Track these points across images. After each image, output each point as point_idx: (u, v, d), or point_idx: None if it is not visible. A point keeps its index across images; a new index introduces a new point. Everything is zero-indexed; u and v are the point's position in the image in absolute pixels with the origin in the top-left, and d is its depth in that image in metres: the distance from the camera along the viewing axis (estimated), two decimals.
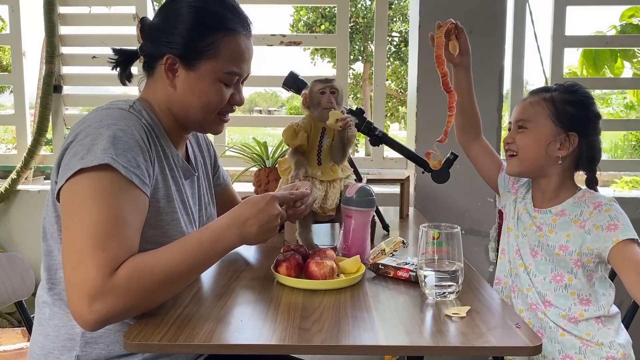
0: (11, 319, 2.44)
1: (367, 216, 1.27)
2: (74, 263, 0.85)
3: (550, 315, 1.27)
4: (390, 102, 14.19)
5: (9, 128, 6.52)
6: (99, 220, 0.86)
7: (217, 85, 1.07)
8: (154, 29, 1.08)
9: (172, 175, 1.07)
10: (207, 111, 1.09)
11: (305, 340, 0.83)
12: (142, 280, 0.86)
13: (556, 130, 1.27)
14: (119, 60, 1.14)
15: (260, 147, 1.96)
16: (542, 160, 1.29)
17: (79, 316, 0.83)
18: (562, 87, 1.32)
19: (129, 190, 0.91)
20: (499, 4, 2.19)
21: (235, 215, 0.97)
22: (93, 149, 0.90)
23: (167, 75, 1.05)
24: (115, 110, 0.99)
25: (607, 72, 3.02)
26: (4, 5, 2.54)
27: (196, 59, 1.04)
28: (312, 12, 13.69)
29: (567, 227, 1.27)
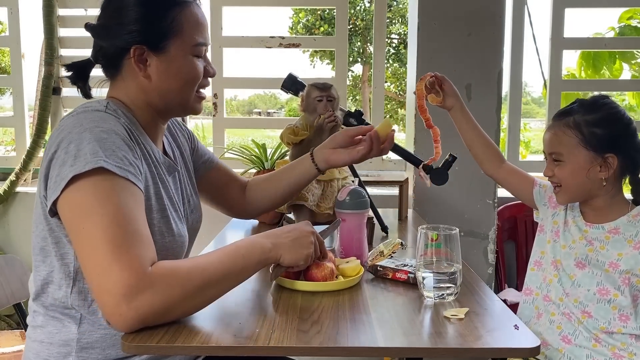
0: (9, 321, 2.44)
1: (362, 218, 1.27)
2: (100, 270, 0.83)
3: (587, 324, 1.25)
4: (389, 104, 14.20)
5: (8, 130, 6.52)
6: (111, 223, 0.84)
7: (191, 60, 1.05)
8: (108, 26, 1.03)
9: (157, 172, 1.05)
10: (187, 89, 1.07)
11: (304, 342, 0.83)
12: (179, 279, 0.85)
13: (592, 156, 1.24)
14: (76, 75, 1.10)
15: (259, 149, 1.97)
16: (587, 186, 1.27)
17: (119, 316, 0.81)
18: (584, 107, 1.28)
19: (129, 188, 0.90)
20: (498, 6, 2.19)
21: (270, 231, 1.02)
22: (80, 154, 0.88)
23: (139, 67, 1.02)
24: (93, 112, 0.97)
25: (606, 73, 3.03)
26: (3, 8, 2.54)
27: (163, 40, 1.02)
28: (311, 14, 13.71)
29: (620, 246, 1.25)
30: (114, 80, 1.07)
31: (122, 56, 1.03)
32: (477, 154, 1.50)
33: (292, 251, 0.99)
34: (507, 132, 2.58)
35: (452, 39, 2.20)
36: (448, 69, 2.21)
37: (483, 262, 2.27)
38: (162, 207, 1.03)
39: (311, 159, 1.27)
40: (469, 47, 2.20)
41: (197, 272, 0.87)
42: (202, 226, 1.26)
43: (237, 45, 2.55)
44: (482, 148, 1.48)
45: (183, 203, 1.16)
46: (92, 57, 1.08)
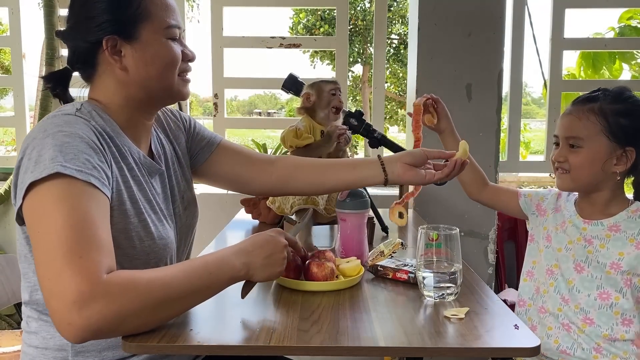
0: (10, 320, 2.44)
1: (362, 218, 1.27)
2: (51, 274, 0.79)
3: (588, 332, 1.22)
4: (389, 105, 14.20)
5: (8, 130, 6.52)
6: (65, 225, 0.80)
7: (166, 43, 1.03)
8: (77, 24, 1.01)
9: (132, 175, 1.01)
10: (168, 74, 1.04)
11: (304, 342, 0.83)
12: (137, 291, 0.80)
13: (612, 147, 1.21)
14: (55, 86, 1.07)
15: (260, 149, 1.97)
16: (598, 178, 1.23)
17: (68, 325, 0.76)
18: (610, 96, 1.24)
19: (90, 192, 0.86)
20: (498, 6, 2.19)
21: (242, 245, 0.96)
22: (40, 160, 0.86)
23: (114, 60, 1.00)
24: (60, 116, 0.95)
25: (606, 73, 3.03)
26: (4, 8, 2.54)
27: (133, 27, 1.00)
28: (312, 14, 13.71)
29: (621, 245, 1.22)
30: (92, 81, 1.05)
31: (96, 52, 1.01)
32: (464, 179, 1.48)
33: (264, 269, 0.95)
34: (507, 133, 2.58)
35: (452, 40, 2.21)
36: (448, 70, 2.22)
37: (483, 262, 2.27)
38: (138, 211, 1.00)
39: (382, 167, 1.18)
40: (469, 48, 2.20)
41: (159, 285, 0.83)
42: (202, 226, 1.25)
43: (238, 45, 2.55)
44: (470, 173, 1.45)
45: (173, 201, 1.13)
46: (68, 63, 1.06)
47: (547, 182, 8.41)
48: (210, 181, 1.29)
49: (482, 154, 2.23)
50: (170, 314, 0.85)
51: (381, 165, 1.17)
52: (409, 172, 1.15)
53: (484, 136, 2.23)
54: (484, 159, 2.24)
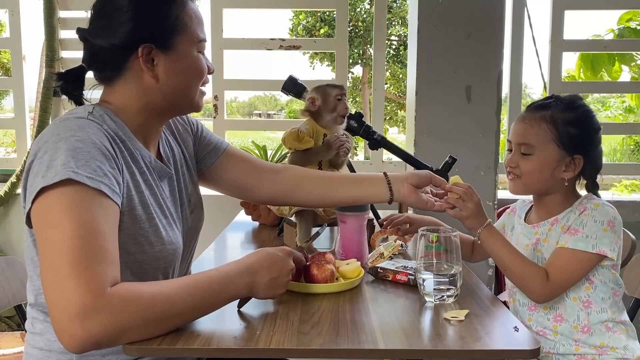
0: (10, 322, 2.44)
1: (362, 220, 1.27)
2: (56, 284, 0.79)
3: (561, 330, 1.24)
4: (389, 106, 14.21)
5: (8, 132, 6.52)
6: (73, 235, 0.80)
7: (197, 56, 1.05)
8: (110, 29, 0.99)
9: (144, 179, 1.01)
10: (194, 86, 1.06)
11: (304, 344, 0.83)
12: (140, 305, 0.80)
13: (561, 155, 1.24)
14: (67, 84, 1.05)
15: (260, 151, 1.97)
16: (547, 183, 1.27)
17: (69, 336, 0.77)
18: (562, 104, 1.27)
19: (100, 201, 0.86)
20: (497, 8, 2.20)
21: (249, 262, 0.95)
22: (52, 165, 0.85)
23: (147, 67, 0.99)
24: (73, 120, 0.94)
25: (605, 75, 3.03)
26: (4, 9, 2.55)
27: (170, 37, 1.00)
28: (312, 16, 13.72)
29: (556, 235, 1.26)
30: (111, 84, 1.04)
31: (125, 57, 1.00)
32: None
33: (266, 290, 0.95)
34: (506, 134, 2.58)
35: (451, 41, 2.21)
36: (448, 71, 2.22)
37: (483, 264, 2.28)
38: (149, 216, 1.00)
39: (388, 185, 1.19)
40: (469, 49, 2.21)
41: (161, 300, 0.83)
42: (203, 227, 1.25)
43: (238, 47, 2.56)
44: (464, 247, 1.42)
45: (181, 204, 1.13)
46: (84, 62, 1.05)
47: None
48: (215, 186, 1.29)
49: (481, 156, 2.24)
50: (170, 327, 0.85)
51: (387, 184, 1.19)
52: (414, 195, 1.19)
53: (484, 138, 2.24)
54: (483, 160, 2.24)
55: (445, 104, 2.24)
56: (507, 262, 1.21)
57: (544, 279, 1.19)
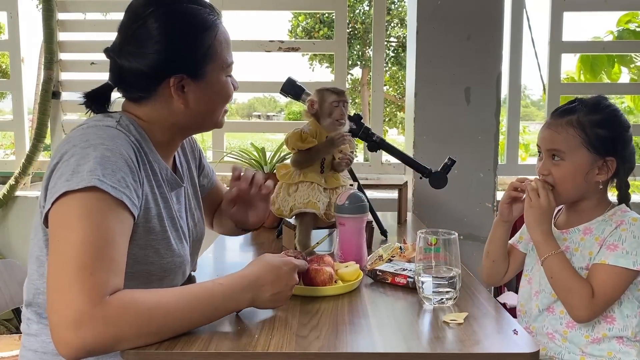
0: (8, 325, 2.43)
1: (361, 222, 1.27)
2: (59, 286, 0.79)
3: (571, 337, 1.22)
4: (388, 108, 14.20)
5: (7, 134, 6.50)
6: (85, 240, 0.81)
7: (225, 81, 1.06)
8: (143, 55, 0.98)
9: (160, 192, 1.02)
10: (221, 107, 1.08)
11: (303, 348, 0.83)
12: (136, 317, 0.80)
13: (593, 158, 1.21)
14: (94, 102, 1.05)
15: (259, 153, 1.97)
16: (582, 189, 1.23)
17: (63, 343, 0.77)
18: (587, 106, 1.23)
19: (118, 212, 0.87)
20: (496, 10, 2.20)
21: (252, 277, 0.93)
22: (79, 169, 0.86)
23: (177, 95, 1.00)
24: (103, 128, 0.95)
25: (605, 77, 3.03)
26: (3, 12, 2.54)
27: (201, 67, 1.01)
28: (311, 17, 13.72)
29: (590, 246, 1.22)
30: (139, 103, 1.03)
31: (156, 83, 1.00)
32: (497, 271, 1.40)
33: (267, 303, 0.94)
34: (506, 135, 2.58)
35: (451, 43, 2.21)
36: (447, 73, 2.22)
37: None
38: (162, 229, 1.01)
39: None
40: (468, 51, 2.21)
41: (158, 312, 0.82)
42: None
43: (237, 49, 2.52)
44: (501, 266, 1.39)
45: (187, 217, 1.15)
46: (111, 81, 1.04)
47: None
48: None
49: (480, 158, 2.24)
50: (166, 337, 0.84)
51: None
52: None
53: (483, 139, 2.24)
54: (482, 162, 2.24)
55: (445, 106, 2.24)
56: (559, 271, 1.18)
57: (589, 296, 1.15)
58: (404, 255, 1.28)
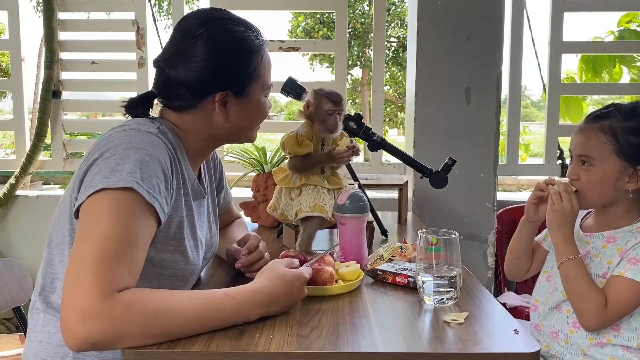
0: (9, 324, 2.43)
1: (361, 222, 1.27)
2: (75, 276, 0.81)
3: (575, 339, 1.22)
4: (388, 108, 14.21)
5: (7, 133, 6.51)
6: (111, 237, 0.84)
7: (264, 101, 1.12)
8: (192, 70, 1.02)
9: (186, 200, 1.06)
10: (257, 125, 1.15)
11: (304, 348, 0.83)
12: (141, 316, 0.81)
13: (623, 166, 1.19)
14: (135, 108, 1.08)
15: (259, 152, 1.97)
16: (610, 196, 1.22)
17: (70, 331, 0.79)
18: (621, 112, 1.21)
19: (147, 216, 0.90)
20: (497, 10, 2.20)
21: (265, 293, 0.93)
22: (118, 169, 0.89)
23: (220, 110, 1.05)
24: (145, 133, 0.98)
25: (606, 77, 3.03)
26: (4, 11, 2.54)
27: (246, 86, 1.07)
28: (311, 17, 13.73)
29: (610, 255, 1.21)
30: (179, 112, 1.07)
31: (200, 97, 1.05)
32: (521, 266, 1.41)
33: (274, 313, 0.94)
34: (506, 136, 2.58)
35: (451, 43, 2.21)
36: (447, 73, 2.22)
37: (483, 266, 2.27)
38: (181, 236, 1.04)
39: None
40: (468, 51, 2.21)
41: (164, 315, 0.83)
42: None
43: None
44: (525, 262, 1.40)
45: (204, 229, 1.17)
46: (156, 89, 1.08)
47: None
48: None
49: (481, 158, 2.24)
50: (169, 339, 0.84)
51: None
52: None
53: (483, 139, 2.24)
54: (482, 162, 2.24)
55: (445, 106, 2.24)
56: (574, 276, 1.17)
57: (601, 306, 1.14)
58: (405, 255, 1.28)
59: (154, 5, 3.14)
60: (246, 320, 0.91)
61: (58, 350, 1.00)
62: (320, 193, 1.34)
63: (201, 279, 1.22)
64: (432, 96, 2.24)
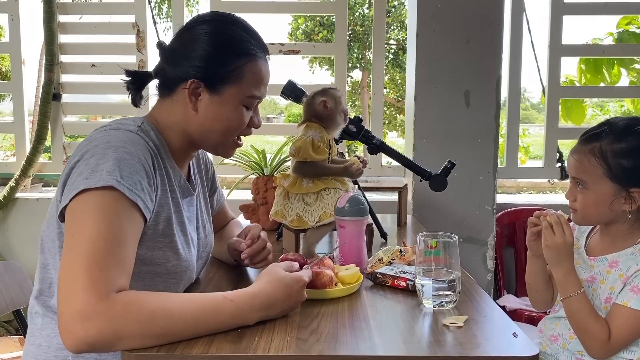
0: (8, 327, 2.43)
1: (361, 225, 1.27)
2: (69, 279, 0.82)
3: (572, 346, 1.22)
4: (388, 110, 14.21)
5: (7, 136, 6.50)
6: (98, 237, 0.84)
7: (240, 109, 1.08)
8: (176, 53, 1.07)
9: (172, 197, 1.06)
10: (227, 135, 1.10)
11: (303, 351, 0.83)
12: (139, 317, 0.81)
13: (616, 188, 1.16)
14: (131, 82, 1.13)
15: (259, 155, 1.97)
16: (607, 216, 1.20)
17: (68, 333, 0.79)
18: (614, 132, 1.17)
19: (131, 213, 0.90)
20: (496, 13, 2.20)
21: (265, 297, 0.92)
22: (98, 169, 0.89)
23: (190, 99, 1.05)
24: (124, 132, 0.99)
25: (606, 79, 3.03)
26: (4, 14, 2.55)
27: (221, 83, 1.05)
28: (310, 20, 13.74)
29: (613, 280, 1.19)
30: (163, 99, 1.10)
31: (177, 83, 1.06)
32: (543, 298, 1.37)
33: (273, 317, 0.94)
34: (505, 138, 2.59)
35: (450, 46, 2.22)
36: (447, 76, 2.22)
37: (482, 268, 2.27)
38: (170, 232, 1.04)
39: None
40: (468, 54, 2.21)
41: (162, 317, 0.83)
42: None
43: None
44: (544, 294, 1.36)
45: (197, 227, 1.18)
46: (154, 71, 1.11)
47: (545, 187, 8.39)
48: None
49: (480, 160, 2.24)
50: (168, 342, 0.84)
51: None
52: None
53: (482, 142, 2.24)
54: (482, 165, 2.24)
55: (444, 109, 2.24)
56: (577, 312, 1.16)
57: (605, 339, 1.13)
58: (404, 258, 1.28)
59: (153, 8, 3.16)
60: (245, 324, 0.91)
61: (57, 353, 1.00)
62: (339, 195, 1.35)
63: (200, 283, 1.22)
64: (431, 99, 2.24)
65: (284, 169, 1.73)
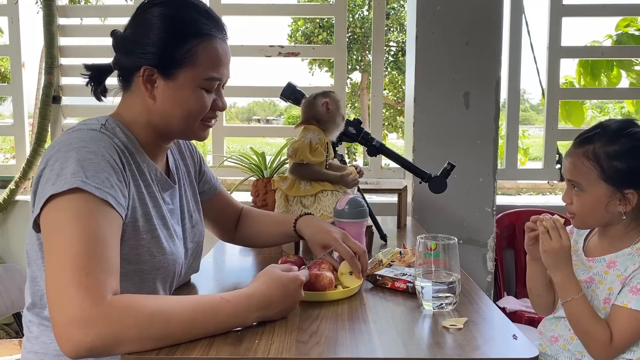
0: (8, 329, 2.43)
1: (361, 227, 1.27)
2: (57, 288, 0.80)
3: (572, 347, 1.22)
4: (387, 112, 14.23)
5: (7, 138, 6.50)
6: (78, 241, 0.83)
7: (198, 93, 1.04)
8: (128, 41, 1.03)
9: (148, 192, 1.04)
10: (189, 120, 1.06)
11: (303, 353, 0.83)
12: (137, 320, 0.80)
13: (611, 190, 1.17)
14: (92, 76, 1.10)
15: (258, 157, 1.97)
16: (604, 218, 1.21)
17: (66, 340, 0.78)
18: (607, 134, 1.18)
19: (105, 211, 0.88)
20: (495, 15, 2.21)
21: (262, 296, 0.92)
22: (62, 173, 0.88)
23: (146, 87, 1.02)
24: (86, 131, 0.97)
25: (605, 81, 3.04)
26: (4, 17, 2.55)
27: (174, 67, 1.01)
28: (310, 22, 13.76)
29: (611, 281, 1.19)
30: (124, 93, 1.08)
31: (133, 72, 1.03)
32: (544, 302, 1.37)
33: (271, 318, 0.94)
34: (505, 139, 2.59)
35: (450, 48, 2.22)
36: (446, 78, 2.23)
37: (482, 270, 2.27)
38: (151, 227, 1.02)
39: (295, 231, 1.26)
40: (467, 56, 2.22)
41: (160, 320, 0.82)
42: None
43: (237, 54, 2.56)
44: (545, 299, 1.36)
45: (182, 219, 1.16)
46: (112, 63, 1.08)
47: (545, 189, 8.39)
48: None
49: (480, 162, 2.24)
50: (167, 345, 0.84)
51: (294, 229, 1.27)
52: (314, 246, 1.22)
53: (482, 144, 2.24)
54: (481, 166, 2.24)
55: (444, 110, 2.24)
56: (578, 315, 1.17)
57: (607, 341, 1.14)
58: (404, 260, 1.28)
59: None
60: (244, 324, 0.91)
61: (55, 359, 0.99)
62: (338, 197, 1.35)
63: (197, 286, 1.22)
64: (431, 101, 2.24)
65: (284, 171, 1.73)
